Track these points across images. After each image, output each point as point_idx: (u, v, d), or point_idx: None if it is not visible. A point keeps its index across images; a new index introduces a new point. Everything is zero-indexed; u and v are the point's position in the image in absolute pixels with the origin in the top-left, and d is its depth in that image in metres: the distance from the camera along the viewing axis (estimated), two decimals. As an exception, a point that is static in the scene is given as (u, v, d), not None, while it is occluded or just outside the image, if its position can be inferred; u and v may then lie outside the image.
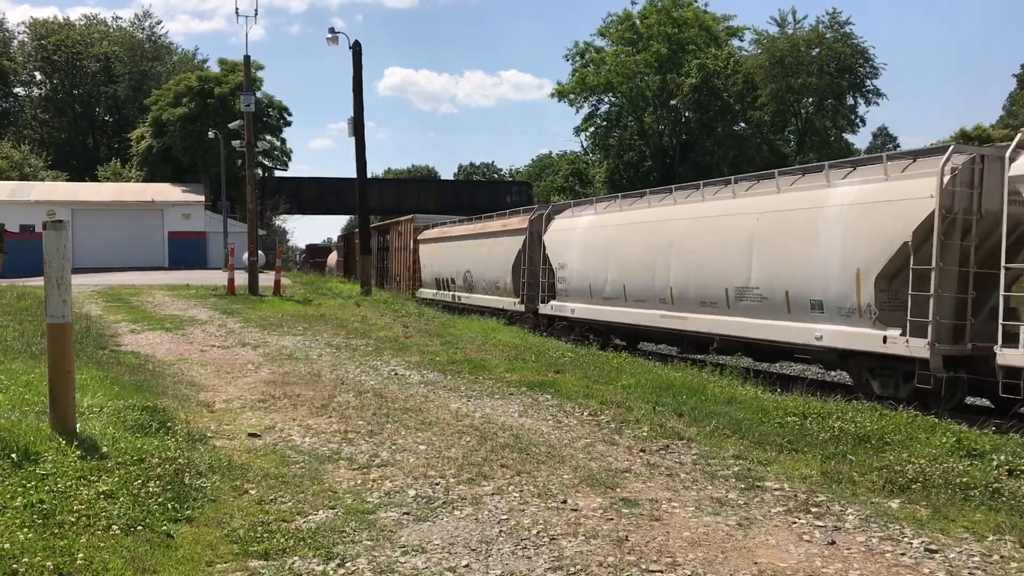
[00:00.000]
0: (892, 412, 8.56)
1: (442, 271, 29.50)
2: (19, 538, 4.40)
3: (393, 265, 37.66)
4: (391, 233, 38.19)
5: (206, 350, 13.35)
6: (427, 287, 30.85)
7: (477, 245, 25.96)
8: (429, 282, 30.72)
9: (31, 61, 74.15)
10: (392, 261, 37.78)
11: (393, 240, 37.57)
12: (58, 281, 6.39)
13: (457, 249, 27.81)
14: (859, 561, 4.90)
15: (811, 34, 57.22)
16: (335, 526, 5.25)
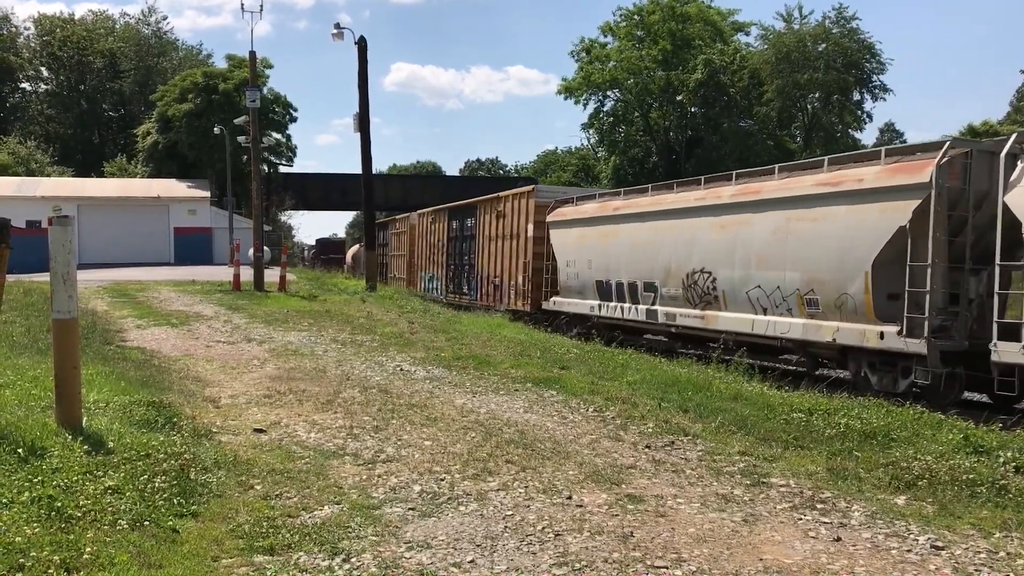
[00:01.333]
0: (898, 408, 8.55)
1: (616, 270, 17.74)
2: (26, 532, 4.41)
3: (485, 263, 24.78)
4: (479, 215, 25.42)
5: (211, 346, 13.37)
6: (571, 295, 19.48)
7: (737, 224, 14.24)
8: (577, 288, 19.17)
9: (37, 57, 74.31)
10: (481, 256, 25.14)
11: (484, 226, 24.94)
12: (64, 277, 6.40)
13: (662, 234, 16.20)
14: (865, 557, 4.89)
15: (817, 29, 57.02)
16: (340, 521, 5.26)
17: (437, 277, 29.72)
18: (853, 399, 9.24)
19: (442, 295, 28.39)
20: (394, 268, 38.40)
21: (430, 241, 30.67)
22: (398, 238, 37.84)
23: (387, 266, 39.67)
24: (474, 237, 25.80)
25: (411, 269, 34.40)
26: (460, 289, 27.09)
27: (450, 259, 28.15)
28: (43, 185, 49.41)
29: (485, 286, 24.76)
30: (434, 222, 30.31)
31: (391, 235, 39.47)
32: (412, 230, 33.93)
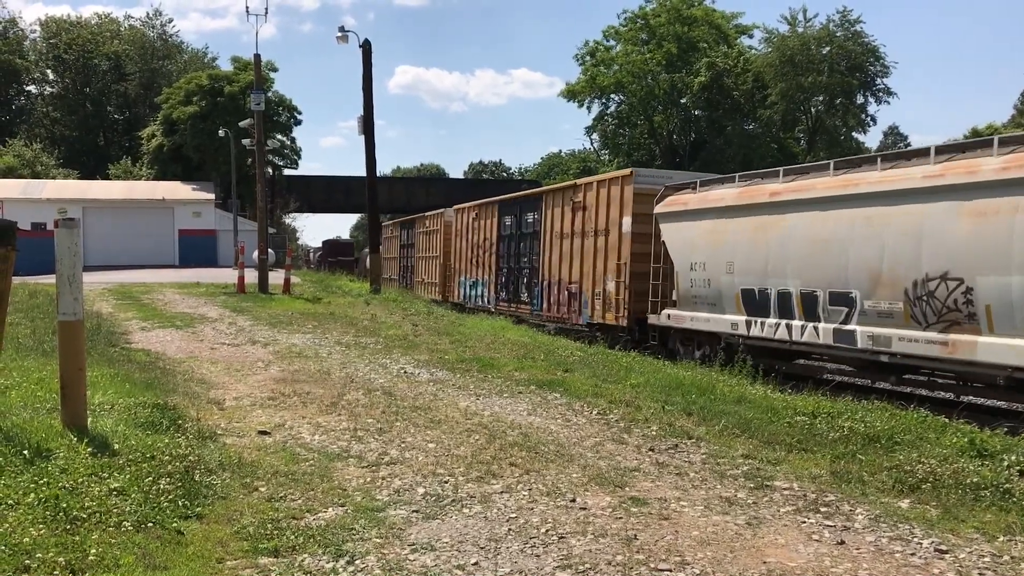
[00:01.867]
0: (902, 412, 8.54)
1: (778, 274, 13.30)
2: (31, 533, 4.43)
3: (553, 266, 20.37)
4: (545, 208, 21.01)
5: (216, 348, 13.40)
6: (697, 307, 15.16)
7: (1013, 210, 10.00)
8: (707, 299, 14.89)
9: (43, 59, 74.48)
10: (547, 258, 20.77)
11: (552, 220, 20.55)
12: (70, 279, 6.43)
13: (864, 225, 11.83)
14: (868, 561, 4.89)
15: (821, 32, 56.97)
16: (344, 524, 5.27)
17: (483, 282, 25.37)
18: (856, 402, 9.23)
19: (489, 303, 24.47)
20: (421, 272, 33.53)
21: (473, 240, 26.21)
22: (427, 238, 32.47)
23: (410, 269, 35.76)
24: (537, 235, 21.33)
25: (445, 273, 29.84)
26: (516, 297, 22.79)
27: (502, 261, 23.87)
28: (48, 187, 49.50)
29: (554, 294, 20.04)
30: (479, 218, 25.83)
31: (418, 234, 34.06)
32: (447, 228, 29.34)
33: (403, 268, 37.30)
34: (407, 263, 36.32)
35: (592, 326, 18.29)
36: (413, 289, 32.91)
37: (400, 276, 37.50)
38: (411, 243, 35.50)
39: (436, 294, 29.79)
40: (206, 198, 49.23)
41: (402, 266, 37.50)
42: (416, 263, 34.47)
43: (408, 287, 34.43)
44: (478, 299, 25.71)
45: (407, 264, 36.33)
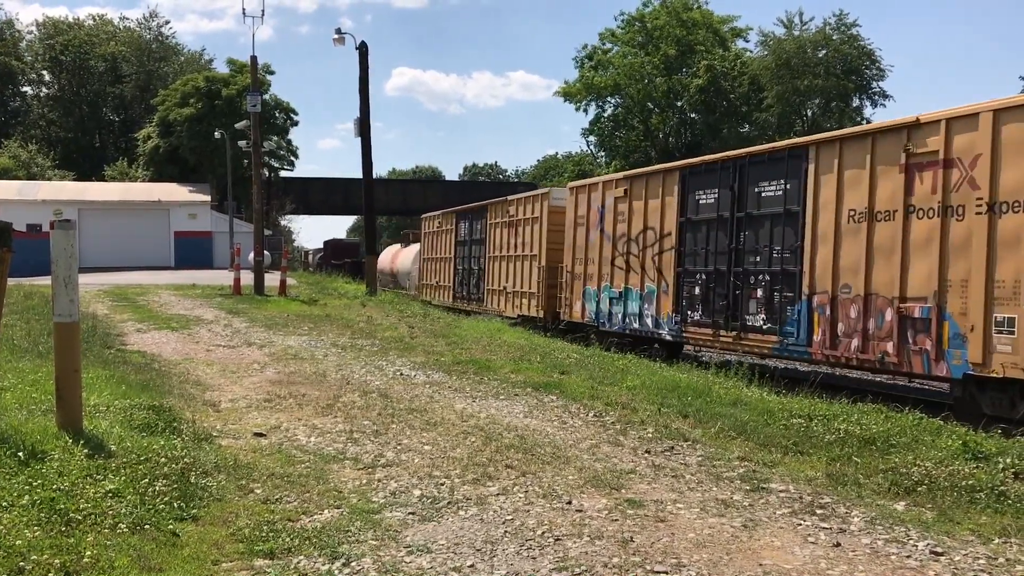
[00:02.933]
0: (898, 414, 8.55)
1: None
2: (26, 536, 4.42)
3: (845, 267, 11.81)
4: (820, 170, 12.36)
5: (212, 350, 13.38)
6: None
7: None
8: None
9: (39, 61, 74.43)
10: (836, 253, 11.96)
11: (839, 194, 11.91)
12: (65, 280, 6.42)
13: None
14: (864, 563, 4.90)
15: (817, 36, 57.11)
16: (340, 525, 5.26)
17: (647, 296, 16.40)
18: (852, 405, 9.25)
19: (665, 326, 15.78)
20: (499, 277, 23.50)
21: (617, 232, 17.30)
22: (512, 231, 22.87)
23: (475, 275, 25.78)
24: (799, 218, 12.71)
25: (551, 279, 20.22)
26: (732, 317, 14.02)
27: (690, 262, 15.23)
28: (44, 189, 49.45)
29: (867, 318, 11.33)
30: (632, 198, 16.97)
31: (493, 226, 24.30)
32: (554, 216, 20.43)
33: (462, 273, 26.94)
34: (469, 266, 26.27)
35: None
36: (483, 302, 24.62)
37: (457, 284, 27.26)
38: (478, 238, 25.61)
39: (531, 309, 21.15)
40: (202, 200, 49.20)
41: (460, 270, 27.10)
42: (490, 266, 24.37)
43: (470, 298, 25.89)
44: (633, 320, 16.75)
45: (469, 267, 26.23)
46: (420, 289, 31.84)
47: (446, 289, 28.32)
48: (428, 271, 30.79)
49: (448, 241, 28.35)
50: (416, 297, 31.33)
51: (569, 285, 19.22)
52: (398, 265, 39.09)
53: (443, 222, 29.17)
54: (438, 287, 29.33)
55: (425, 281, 30.97)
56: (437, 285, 29.42)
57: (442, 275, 28.95)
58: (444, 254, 28.83)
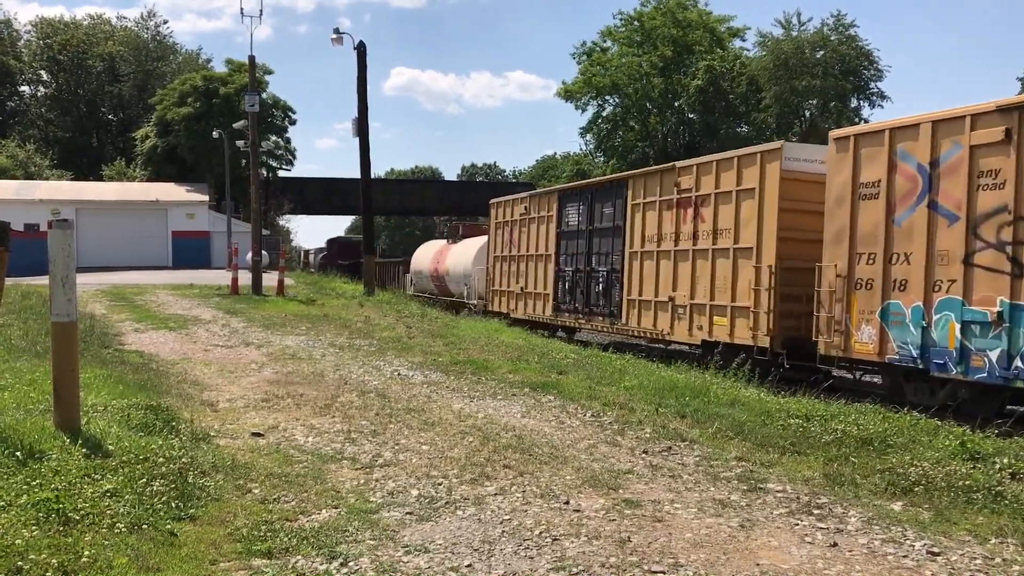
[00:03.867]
0: (895, 415, 8.57)
1: None
2: (24, 535, 4.42)
3: None
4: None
5: (210, 349, 13.38)
6: None
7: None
8: None
9: (37, 60, 74.36)
10: None
11: None
12: (63, 280, 6.42)
13: None
14: (861, 563, 4.91)
15: (816, 36, 57.12)
16: (338, 525, 5.26)
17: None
18: (850, 405, 9.26)
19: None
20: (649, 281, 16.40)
21: (983, 205, 10.23)
22: (685, 212, 15.56)
23: (580, 278, 18.95)
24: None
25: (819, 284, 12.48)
26: None
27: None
28: (42, 188, 49.42)
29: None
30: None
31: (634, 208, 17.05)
32: (791, 187, 13.47)
33: (571, 277, 19.32)
34: (586, 266, 18.68)
35: None
36: (619, 318, 17.22)
37: (563, 292, 19.73)
38: (605, 226, 18.04)
39: (739, 331, 13.96)
40: (200, 199, 49.19)
41: (567, 273, 19.48)
42: (635, 266, 16.83)
43: (590, 311, 18.50)
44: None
45: (587, 268, 18.63)
46: (490, 298, 24.20)
47: (540, 299, 20.68)
48: (503, 274, 23.21)
49: (543, 232, 20.79)
50: (481, 309, 24.82)
51: (840, 298, 12.11)
52: (447, 267, 29.41)
53: (534, 206, 21.62)
54: (525, 296, 21.63)
55: (499, 287, 23.44)
56: (523, 293, 21.70)
57: (532, 279, 21.23)
58: (535, 250, 21.19)
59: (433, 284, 31.08)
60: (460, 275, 28.00)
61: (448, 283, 29.45)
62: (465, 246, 28.75)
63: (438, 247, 32.11)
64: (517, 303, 22.38)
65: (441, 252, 30.98)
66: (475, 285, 26.19)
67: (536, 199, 21.89)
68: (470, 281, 26.77)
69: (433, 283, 31.09)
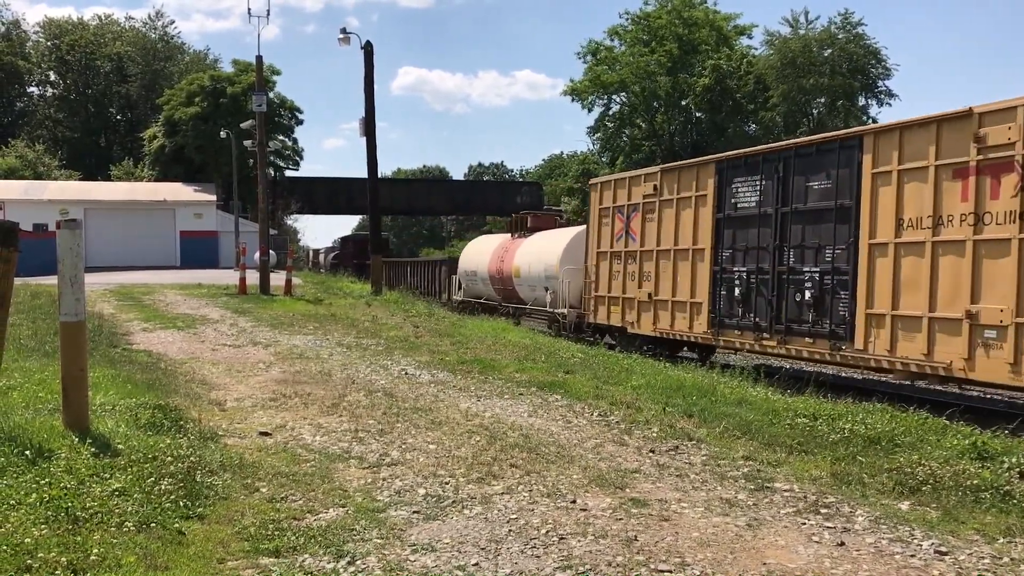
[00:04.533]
0: (903, 414, 8.54)
1: None
2: (33, 534, 4.45)
3: None
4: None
5: (217, 349, 13.41)
6: None
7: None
8: None
9: (45, 61, 74.63)
10: None
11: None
12: (71, 280, 6.44)
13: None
14: (868, 562, 4.90)
15: (823, 35, 57.00)
16: (345, 524, 5.28)
17: None
18: (857, 404, 9.24)
19: None
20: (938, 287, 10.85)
21: None
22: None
23: (757, 284, 14.02)
24: None
25: None
26: None
27: None
28: (50, 188, 49.57)
29: None
30: None
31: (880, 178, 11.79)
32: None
33: (741, 281, 14.29)
34: (773, 265, 13.75)
35: None
36: (848, 340, 12.19)
37: (728, 301, 14.63)
38: (822, 205, 12.96)
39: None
40: (207, 199, 49.28)
41: (735, 275, 14.46)
42: (886, 263, 11.70)
43: (788, 329, 13.32)
44: None
45: (774, 270, 13.71)
46: (590, 307, 18.84)
47: (685, 309, 15.49)
48: (615, 275, 17.90)
49: (689, 218, 15.59)
50: (572, 323, 19.83)
51: None
52: (516, 267, 23.80)
53: (671, 184, 16.27)
54: (655, 305, 16.35)
55: (607, 292, 18.10)
56: (652, 301, 16.41)
57: (669, 282, 16.06)
58: (674, 243, 16.00)
59: (494, 288, 25.60)
60: (538, 277, 22.15)
61: (518, 287, 23.64)
62: (544, 241, 22.88)
63: (499, 242, 26.61)
64: (640, 314, 16.81)
65: (505, 249, 25.25)
66: (563, 290, 20.33)
67: (674, 174, 16.31)
68: (555, 285, 20.86)
69: (494, 287, 25.57)
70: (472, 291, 27.73)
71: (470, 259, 28.16)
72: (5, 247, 6.02)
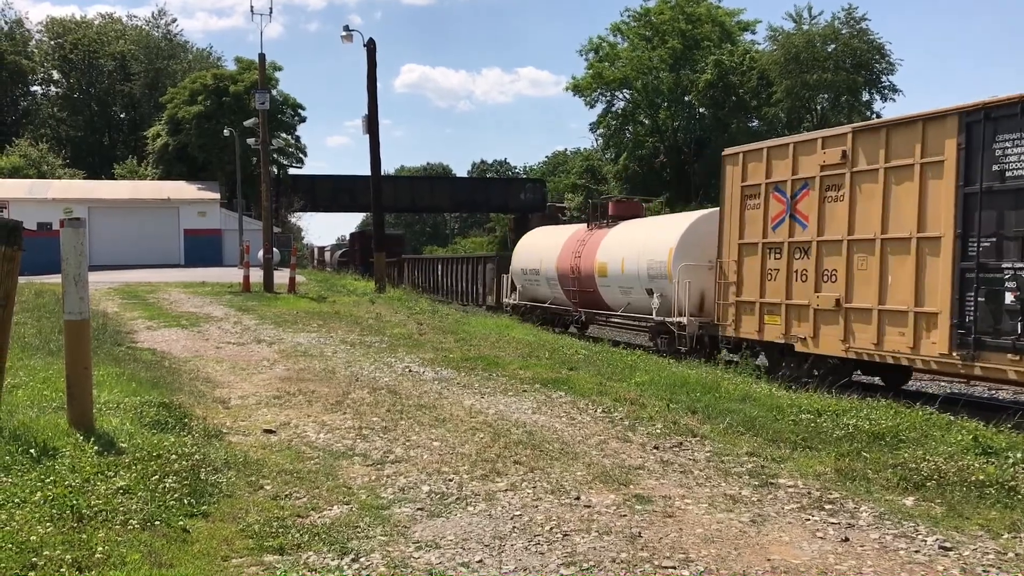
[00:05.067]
0: (907, 409, 8.54)
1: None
2: (39, 531, 4.46)
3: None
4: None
5: (221, 347, 13.43)
6: None
7: None
8: None
9: (48, 60, 74.75)
10: None
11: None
12: (75, 278, 6.45)
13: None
14: (872, 558, 4.90)
15: (827, 30, 56.86)
16: (349, 521, 5.28)
17: None
18: (861, 400, 9.23)
19: None
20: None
21: None
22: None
23: None
24: None
25: None
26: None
27: None
28: (54, 187, 49.63)
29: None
30: None
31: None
32: None
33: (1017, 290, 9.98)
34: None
35: None
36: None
37: (995, 318, 10.24)
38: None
39: None
40: (211, 198, 49.32)
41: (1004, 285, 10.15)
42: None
43: None
44: None
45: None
46: (731, 316, 14.79)
47: (907, 321, 11.42)
48: (767, 275, 14.22)
49: (910, 195, 11.57)
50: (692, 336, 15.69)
51: None
52: (601, 263, 19.26)
53: (874, 147, 12.19)
54: (846, 315, 12.45)
55: (753, 297, 14.44)
56: (840, 310, 12.51)
57: (869, 284, 12.10)
58: (880, 229, 12.01)
59: (564, 291, 21.10)
60: (636, 277, 17.65)
61: (603, 290, 19.14)
62: (642, 231, 18.50)
63: (570, 234, 21.79)
64: (819, 327, 12.89)
65: (580, 242, 20.54)
66: (678, 294, 15.98)
67: (878, 136, 12.14)
68: (663, 287, 16.62)
69: (565, 289, 21.00)
70: (531, 294, 23.36)
71: (529, 254, 23.40)
72: (9, 246, 6.02)
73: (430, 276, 31.48)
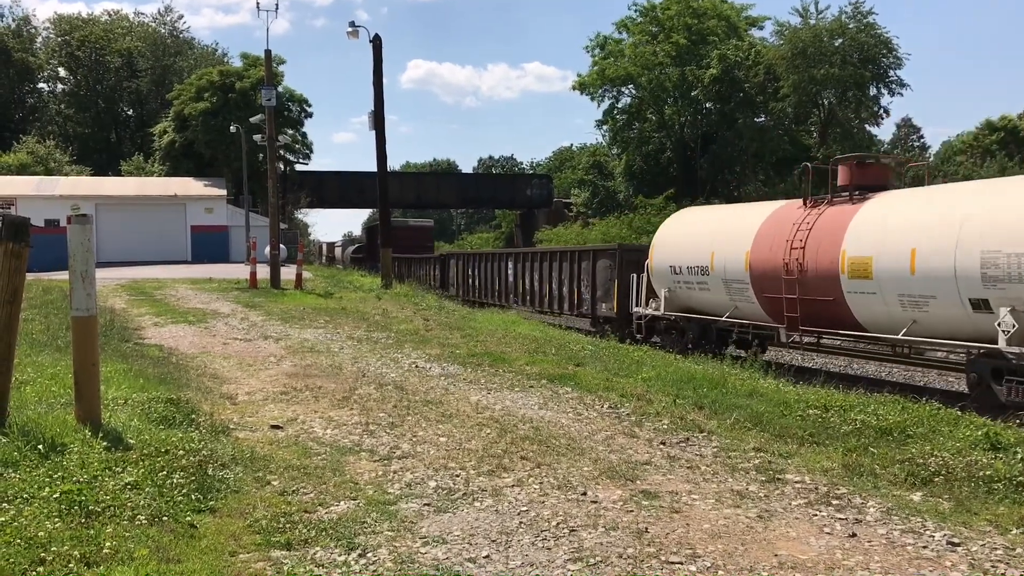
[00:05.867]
0: (915, 405, 8.51)
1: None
2: (47, 527, 4.47)
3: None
4: None
5: (228, 343, 13.45)
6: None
7: None
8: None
9: (55, 57, 74.92)
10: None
11: None
12: (83, 275, 6.47)
13: None
14: (880, 553, 4.88)
15: (833, 24, 56.61)
16: (356, 517, 5.29)
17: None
18: (869, 396, 9.20)
19: None
20: None
21: None
22: None
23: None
24: None
25: None
26: None
27: None
28: (61, 184, 49.76)
29: None
30: None
31: None
32: None
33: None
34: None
35: None
36: None
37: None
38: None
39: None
40: (218, 194, 49.40)
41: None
42: None
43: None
44: None
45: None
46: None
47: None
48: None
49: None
50: None
51: None
52: (854, 260, 12.65)
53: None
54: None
55: None
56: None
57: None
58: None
59: (763, 299, 14.81)
60: (948, 278, 11.18)
61: (858, 298, 12.77)
62: (962, 202, 11.61)
63: (771, 214, 15.29)
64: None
65: (796, 225, 14.09)
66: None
67: None
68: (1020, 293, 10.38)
69: (766, 297, 14.67)
70: (684, 302, 17.22)
71: (685, 246, 17.08)
72: (17, 243, 6.04)
73: (493, 277, 25.47)
